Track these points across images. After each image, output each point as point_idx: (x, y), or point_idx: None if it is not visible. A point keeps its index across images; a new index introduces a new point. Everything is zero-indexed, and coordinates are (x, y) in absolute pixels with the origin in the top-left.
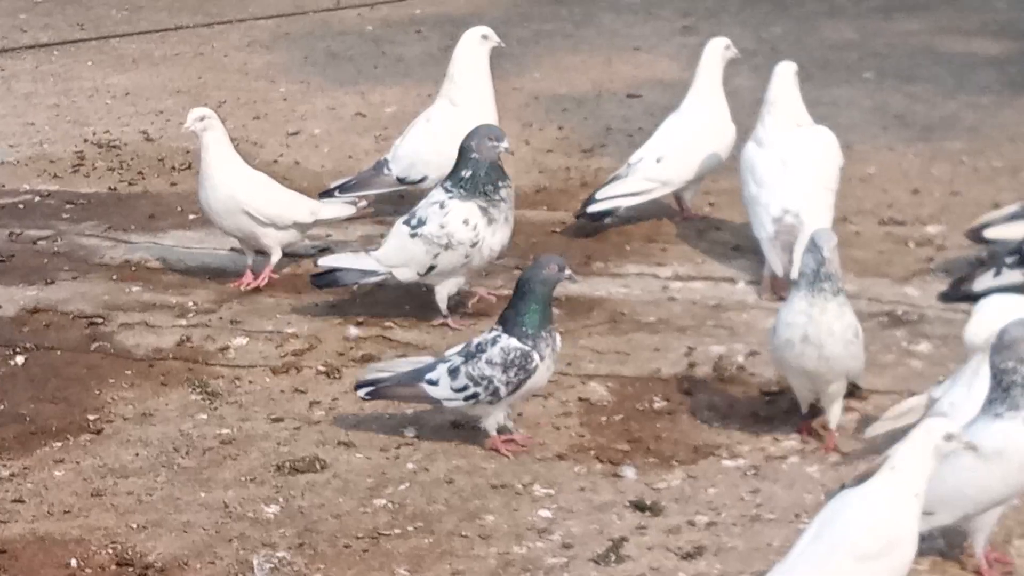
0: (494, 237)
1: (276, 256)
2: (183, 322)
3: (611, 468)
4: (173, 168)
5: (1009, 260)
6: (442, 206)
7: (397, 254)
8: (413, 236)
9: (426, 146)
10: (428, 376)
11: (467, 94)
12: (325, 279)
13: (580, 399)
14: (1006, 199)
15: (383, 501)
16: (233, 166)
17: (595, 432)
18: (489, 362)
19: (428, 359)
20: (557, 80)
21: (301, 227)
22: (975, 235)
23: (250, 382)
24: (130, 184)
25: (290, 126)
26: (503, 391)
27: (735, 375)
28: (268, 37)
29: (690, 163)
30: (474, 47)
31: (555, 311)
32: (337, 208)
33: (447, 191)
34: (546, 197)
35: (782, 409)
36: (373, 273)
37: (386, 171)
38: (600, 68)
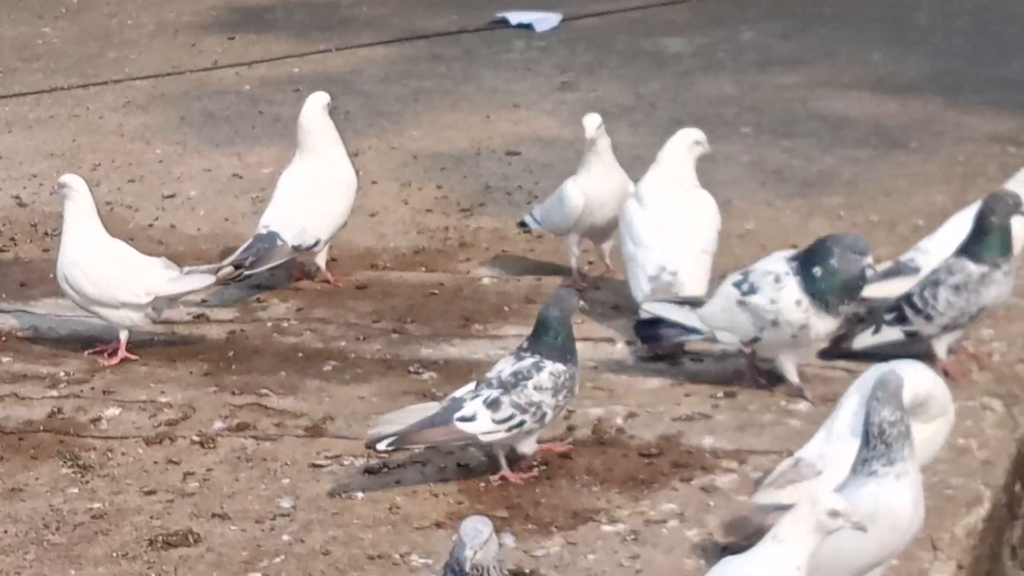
0: (821, 324)
1: (122, 335)
2: (54, 393)
3: None
4: (46, 234)
5: (888, 317)
6: (777, 280)
7: (722, 316)
8: (740, 304)
9: (308, 209)
10: (459, 414)
11: (320, 152)
12: (650, 331)
13: (459, 465)
14: (884, 254)
15: (258, 575)
16: (79, 238)
17: (473, 499)
18: (538, 388)
19: (433, 404)
20: (436, 138)
21: (137, 307)
22: None
23: (123, 453)
24: (1, 251)
25: (166, 188)
26: (550, 415)
27: (614, 437)
28: (144, 98)
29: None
30: (318, 112)
31: (435, 376)
32: (193, 281)
33: (788, 267)
34: (424, 258)
35: (661, 472)
36: (696, 332)
37: (279, 241)
38: (479, 125)
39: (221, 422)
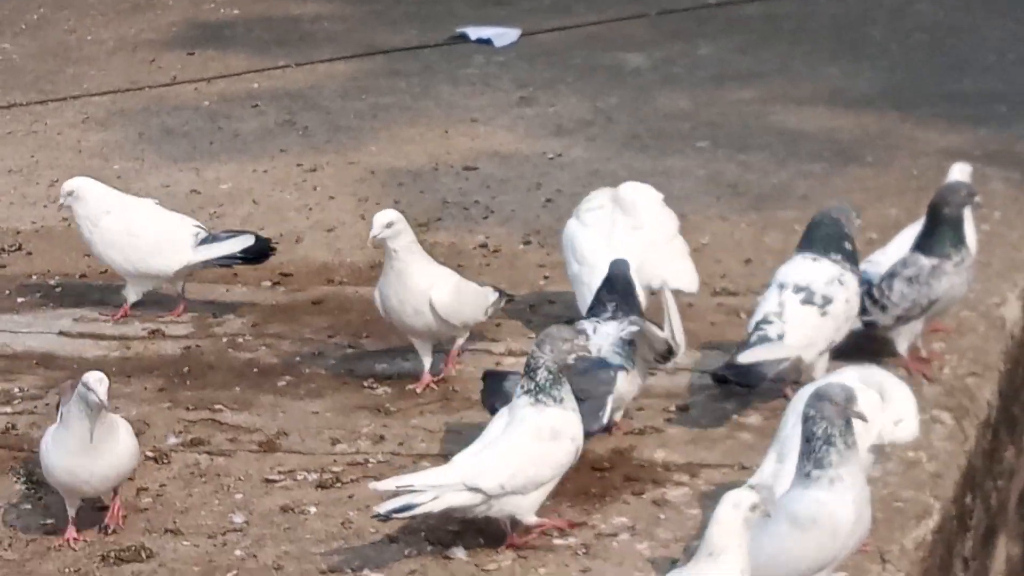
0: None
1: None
2: (8, 409)
3: (441, 550)
4: (2, 250)
5: None
6: (841, 282)
7: (808, 334)
8: (823, 315)
9: None
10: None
11: None
12: (748, 378)
13: None
14: None
15: None
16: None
17: None
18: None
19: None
20: (394, 153)
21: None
22: None
23: None
24: None
25: None
26: None
27: None
28: (103, 114)
29: None
30: None
31: (389, 391)
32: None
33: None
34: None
35: (612, 485)
36: (786, 360)
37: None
38: (437, 141)
39: (175, 437)
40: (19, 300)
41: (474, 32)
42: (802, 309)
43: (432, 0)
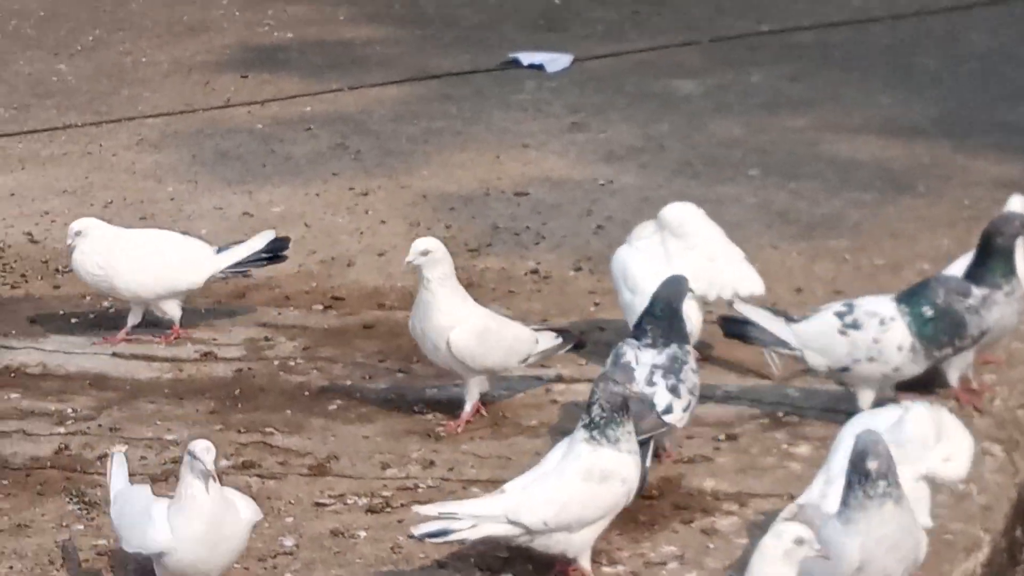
0: (914, 368)
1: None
2: (61, 430)
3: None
4: (57, 271)
5: None
6: (883, 323)
7: (817, 338)
8: (841, 333)
9: None
10: (659, 409)
11: None
12: (736, 330)
13: None
14: None
15: None
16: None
17: None
18: (693, 370)
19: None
20: (445, 178)
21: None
22: None
23: None
24: (12, 287)
25: (177, 226)
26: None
27: None
28: (157, 136)
29: None
30: None
31: (439, 415)
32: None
33: (896, 310)
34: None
35: (662, 514)
36: (785, 344)
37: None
38: (488, 166)
39: (226, 460)
40: (73, 321)
41: (526, 58)
42: (830, 318)
43: (484, 25)
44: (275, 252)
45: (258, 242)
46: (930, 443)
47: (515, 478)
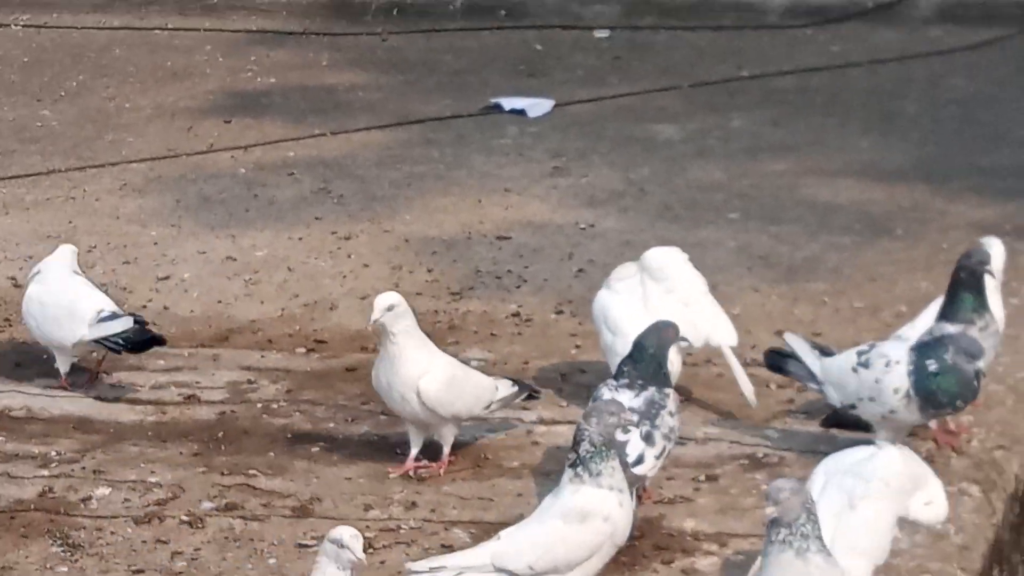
0: (910, 417)
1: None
2: (45, 472)
3: None
4: None
5: None
6: (887, 364)
7: (837, 374)
8: (853, 371)
9: None
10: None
11: None
12: (778, 362)
13: (443, 545)
14: (866, 340)
15: None
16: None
17: None
18: (671, 413)
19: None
20: (427, 222)
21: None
22: None
23: (112, 533)
24: None
25: (160, 271)
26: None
27: None
28: (140, 180)
29: None
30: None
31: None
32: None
33: (904, 355)
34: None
35: (642, 554)
36: (813, 379)
37: None
38: (471, 210)
39: (210, 502)
40: (57, 365)
41: (508, 103)
42: (851, 355)
43: (466, 71)
44: (140, 342)
45: (119, 325)
46: (895, 484)
47: (503, 522)
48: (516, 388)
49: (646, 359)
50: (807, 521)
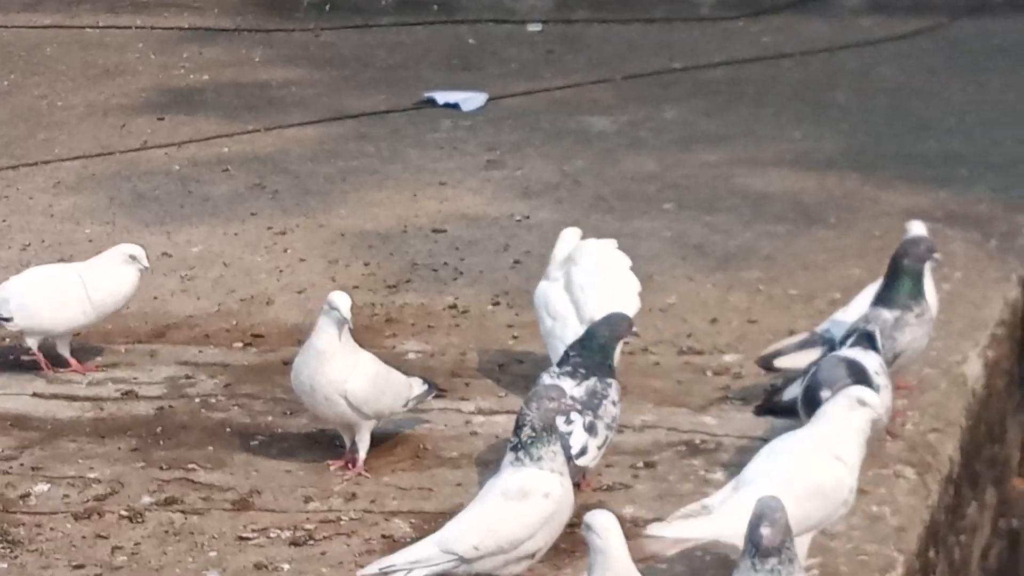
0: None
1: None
2: None
3: None
4: None
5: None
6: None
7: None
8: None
9: None
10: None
11: None
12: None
13: (383, 536)
14: (801, 326)
15: None
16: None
17: None
18: (613, 402)
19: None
20: (363, 216)
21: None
22: (766, 363)
23: (52, 529)
24: None
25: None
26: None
27: None
28: (74, 178)
29: None
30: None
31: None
32: None
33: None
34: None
35: (582, 541)
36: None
37: None
38: (406, 204)
39: (149, 497)
40: None
41: (441, 97)
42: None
43: (399, 66)
44: None
45: None
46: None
47: (443, 511)
48: (427, 387)
49: (594, 348)
50: (791, 544)
